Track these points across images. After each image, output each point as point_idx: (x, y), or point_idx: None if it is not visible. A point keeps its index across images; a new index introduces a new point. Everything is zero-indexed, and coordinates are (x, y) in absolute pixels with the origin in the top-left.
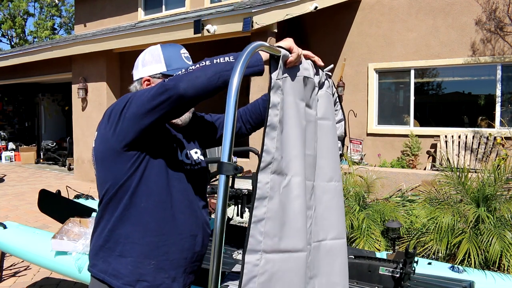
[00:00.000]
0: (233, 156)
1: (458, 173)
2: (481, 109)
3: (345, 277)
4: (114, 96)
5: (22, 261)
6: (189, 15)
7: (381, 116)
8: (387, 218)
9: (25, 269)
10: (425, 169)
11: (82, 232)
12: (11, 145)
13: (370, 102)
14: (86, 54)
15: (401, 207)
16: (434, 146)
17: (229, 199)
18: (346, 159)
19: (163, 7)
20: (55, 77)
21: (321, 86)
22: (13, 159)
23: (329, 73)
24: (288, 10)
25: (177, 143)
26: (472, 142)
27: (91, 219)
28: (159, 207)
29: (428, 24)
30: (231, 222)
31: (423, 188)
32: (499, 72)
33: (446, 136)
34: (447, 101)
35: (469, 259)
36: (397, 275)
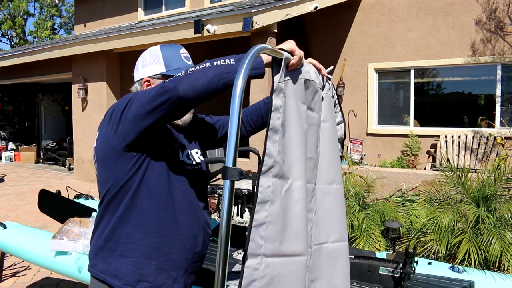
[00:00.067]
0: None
1: (458, 173)
2: (481, 109)
3: (347, 279)
4: (114, 96)
5: (22, 261)
6: (189, 15)
7: (381, 116)
8: (387, 218)
9: (25, 269)
10: (425, 169)
11: (82, 232)
12: (11, 145)
13: (370, 102)
14: (86, 54)
15: (401, 207)
16: (434, 146)
17: None
18: (346, 159)
19: (163, 7)
20: (55, 77)
21: (321, 88)
22: (13, 159)
23: (329, 75)
24: (288, 10)
25: (178, 143)
26: (472, 142)
27: (91, 219)
28: (160, 208)
29: (428, 24)
30: (231, 222)
31: (423, 188)
32: (499, 72)
33: (446, 136)
34: (447, 101)
35: (469, 259)
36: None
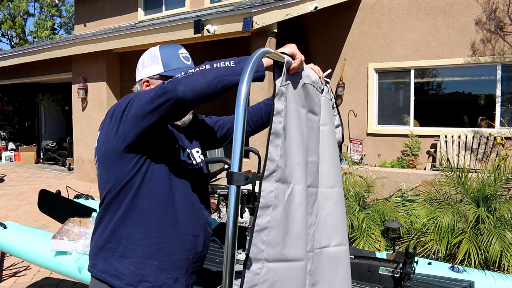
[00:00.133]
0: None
1: (458, 173)
2: (481, 109)
3: (348, 283)
4: (114, 96)
5: (22, 261)
6: (189, 15)
7: (381, 116)
8: (387, 218)
9: (25, 269)
10: (425, 169)
11: (82, 232)
12: (11, 145)
13: (370, 102)
14: (86, 54)
15: (401, 207)
16: (434, 146)
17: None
18: (346, 159)
19: (163, 7)
20: (55, 77)
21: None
22: (13, 159)
23: (327, 79)
24: (288, 10)
25: (179, 143)
26: (472, 142)
27: (91, 219)
28: (161, 209)
29: (428, 24)
30: None
31: (423, 188)
32: (499, 72)
33: (446, 136)
34: (447, 101)
35: (469, 259)
36: (397, 275)
